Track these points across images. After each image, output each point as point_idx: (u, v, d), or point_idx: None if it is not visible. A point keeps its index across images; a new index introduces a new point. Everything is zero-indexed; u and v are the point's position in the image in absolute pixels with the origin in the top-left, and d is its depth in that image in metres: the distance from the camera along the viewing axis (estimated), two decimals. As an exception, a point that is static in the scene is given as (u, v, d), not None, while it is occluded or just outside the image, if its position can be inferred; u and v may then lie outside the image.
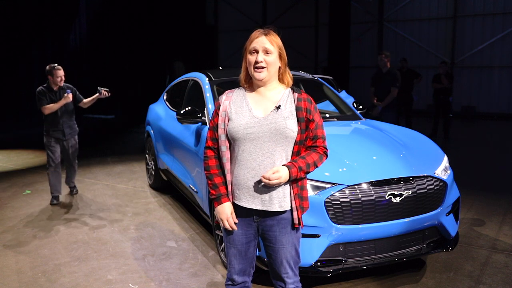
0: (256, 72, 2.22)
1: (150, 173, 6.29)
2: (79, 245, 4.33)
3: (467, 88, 15.11)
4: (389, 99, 7.01)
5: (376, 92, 7.18)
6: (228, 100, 2.30)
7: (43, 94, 5.39)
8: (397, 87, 7.03)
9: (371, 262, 3.28)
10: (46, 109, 5.36)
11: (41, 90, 5.42)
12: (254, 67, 2.21)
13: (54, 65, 5.46)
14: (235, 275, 2.38)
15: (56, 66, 5.44)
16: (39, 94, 5.39)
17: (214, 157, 2.32)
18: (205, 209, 4.18)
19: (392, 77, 7.06)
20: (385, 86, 7.08)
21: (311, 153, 2.25)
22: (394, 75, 7.10)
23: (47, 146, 5.55)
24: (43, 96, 5.39)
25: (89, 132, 12.45)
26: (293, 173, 2.17)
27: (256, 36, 2.23)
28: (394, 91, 6.99)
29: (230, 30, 19.38)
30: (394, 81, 7.03)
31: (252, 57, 2.22)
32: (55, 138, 5.52)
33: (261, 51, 2.20)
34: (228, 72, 5.18)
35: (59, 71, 5.43)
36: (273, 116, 2.22)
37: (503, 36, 14.38)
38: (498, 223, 4.82)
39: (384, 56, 7.17)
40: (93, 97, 5.77)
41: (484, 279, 3.57)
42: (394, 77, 7.07)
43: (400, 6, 16.10)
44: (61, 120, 5.50)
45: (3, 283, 3.59)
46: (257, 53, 2.21)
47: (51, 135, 5.51)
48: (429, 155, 3.78)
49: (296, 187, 2.25)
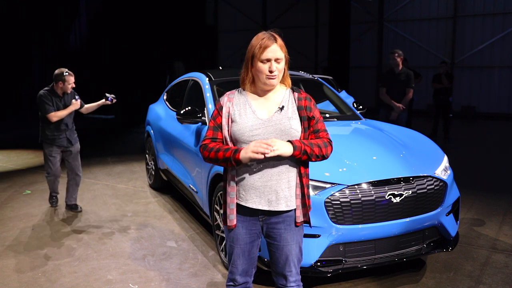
0: (270, 80, 2.21)
1: (150, 173, 6.29)
2: (79, 245, 4.33)
3: (467, 88, 15.12)
4: (405, 101, 6.61)
5: (388, 93, 6.74)
6: (231, 102, 2.29)
7: (48, 99, 4.94)
8: (413, 88, 6.70)
9: (371, 262, 3.28)
10: (55, 116, 4.93)
11: (45, 94, 4.96)
12: (266, 75, 2.20)
13: (65, 70, 5.00)
14: (238, 276, 2.37)
15: (68, 72, 4.99)
16: (44, 99, 4.93)
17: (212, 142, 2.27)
18: (205, 209, 4.18)
19: (406, 77, 6.67)
20: (399, 86, 6.66)
21: (315, 139, 2.26)
22: (409, 75, 6.70)
23: (48, 155, 5.14)
24: (49, 101, 4.94)
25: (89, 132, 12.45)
26: (296, 143, 2.16)
27: (268, 44, 2.18)
28: (410, 92, 6.63)
29: (230, 30, 19.38)
30: (409, 82, 6.65)
31: (265, 65, 2.19)
32: (58, 147, 5.10)
33: (273, 60, 2.19)
34: (228, 72, 5.18)
35: (71, 77, 5.00)
36: (277, 117, 2.22)
37: (503, 36, 14.38)
38: (498, 223, 4.82)
39: (397, 55, 6.71)
40: (98, 102, 5.41)
41: (484, 279, 3.57)
42: (409, 77, 6.69)
43: (400, 6, 16.11)
44: (66, 127, 5.09)
45: (3, 283, 3.59)
46: (270, 63, 2.19)
47: (54, 144, 5.08)
48: (429, 155, 3.78)
49: (299, 187, 2.27)
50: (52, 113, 4.94)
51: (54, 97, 5.01)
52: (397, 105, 6.54)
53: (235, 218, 2.28)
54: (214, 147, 2.23)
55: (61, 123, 5.04)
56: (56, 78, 4.98)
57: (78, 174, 5.31)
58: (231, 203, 2.27)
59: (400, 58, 6.70)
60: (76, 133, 5.29)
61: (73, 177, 5.29)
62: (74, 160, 5.26)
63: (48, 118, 4.94)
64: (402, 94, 6.63)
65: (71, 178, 5.30)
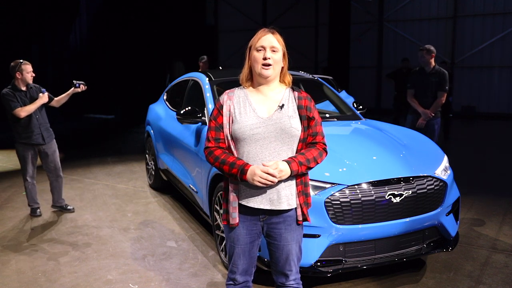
0: (264, 70, 2.22)
1: (150, 173, 6.29)
2: (79, 245, 4.33)
3: (467, 88, 15.12)
4: (436, 107, 5.52)
5: (416, 95, 5.71)
6: (231, 100, 2.29)
7: (11, 96, 4.73)
8: (445, 91, 5.55)
9: (371, 262, 3.28)
10: (22, 111, 4.72)
11: (8, 92, 4.76)
12: (261, 64, 2.22)
13: (21, 60, 4.81)
14: (238, 275, 2.37)
15: (23, 62, 4.80)
16: (7, 96, 4.72)
17: (217, 148, 2.27)
18: (205, 209, 4.18)
19: (440, 78, 5.57)
20: (429, 88, 5.60)
21: (310, 149, 2.26)
22: (442, 75, 5.58)
23: (22, 156, 4.96)
24: (13, 97, 4.73)
25: (89, 132, 12.46)
26: (293, 167, 2.17)
27: (263, 34, 2.25)
28: (443, 96, 5.53)
29: (230, 30, 19.38)
30: (442, 83, 5.55)
31: (259, 54, 2.22)
32: (32, 145, 4.92)
33: (268, 49, 2.22)
34: (228, 72, 5.18)
35: (28, 66, 4.80)
36: (278, 116, 2.23)
37: (503, 36, 14.38)
38: (498, 223, 4.82)
39: (426, 51, 5.63)
40: (68, 92, 5.12)
41: (484, 279, 3.57)
42: (442, 77, 5.56)
43: (400, 6, 16.11)
44: (38, 122, 4.90)
45: (3, 283, 3.59)
46: (265, 50, 2.22)
47: (27, 142, 4.90)
48: (429, 155, 3.78)
49: (300, 184, 2.27)
50: (18, 108, 4.73)
51: (18, 92, 4.81)
52: (424, 111, 5.55)
53: (238, 217, 2.27)
54: (219, 156, 2.23)
55: (32, 118, 4.86)
56: (13, 69, 4.80)
57: (60, 175, 5.19)
58: (233, 201, 2.26)
59: (431, 56, 5.63)
60: (51, 131, 5.11)
61: (54, 179, 5.18)
62: (52, 161, 5.09)
63: (15, 114, 4.73)
64: (433, 98, 5.57)
65: (53, 181, 5.19)
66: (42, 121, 4.97)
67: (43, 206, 5.52)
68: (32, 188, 5.14)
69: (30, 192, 5.13)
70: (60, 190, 5.28)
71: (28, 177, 5.05)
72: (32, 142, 4.92)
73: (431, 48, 5.65)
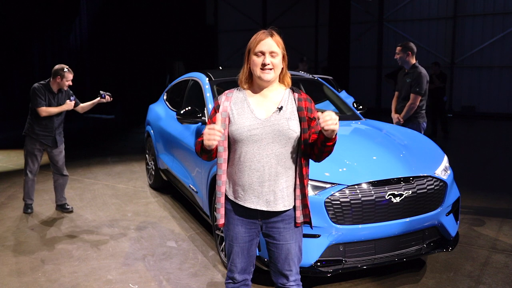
0: (264, 73, 2.21)
1: (150, 173, 6.29)
2: (79, 245, 4.33)
3: (467, 88, 15.12)
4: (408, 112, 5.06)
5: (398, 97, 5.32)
6: (229, 101, 2.28)
7: (41, 93, 4.84)
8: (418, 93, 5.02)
9: (371, 262, 3.28)
10: (44, 111, 4.83)
11: (39, 88, 4.86)
12: (261, 69, 2.20)
13: (65, 66, 4.90)
14: (236, 274, 2.38)
15: (67, 69, 4.89)
16: (37, 91, 4.83)
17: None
18: (205, 209, 4.18)
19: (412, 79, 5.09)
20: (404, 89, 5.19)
21: None
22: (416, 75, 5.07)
23: (29, 152, 5.00)
24: (42, 95, 4.84)
25: (89, 132, 12.46)
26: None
27: (262, 38, 2.21)
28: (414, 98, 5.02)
29: (230, 30, 19.38)
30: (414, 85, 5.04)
31: (259, 59, 2.20)
32: (41, 144, 4.97)
33: (267, 54, 2.20)
34: (228, 72, 5.18)
35: (70, 74, 4.90)
36: (276, 117, 2.22)
37: (503, 36, 14.37)
38: (498, 223, 4.82)
39: (401, 48, 5.19)
40: (93, 101, 5.23)
41: (484, 279, 3.58)
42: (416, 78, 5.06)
43: (400, 6, 16.10)
44: (55, 126, 4.98)
45: (3, 283, 3.59)
46: (264, 55, 2.20)
47: (38, 140, 4.95)
48: (429, 155, 3.78)
49: (298, 188, 2.27)
50: (42, 107, 4.83)
51: (48, 92, 4.90)
52: (393, 115, 5.22)
53: (222, 218, 2.30)
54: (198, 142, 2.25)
55: (52, 121, 4.95)
56: (55, 72, 4.88)
57: (64, 174, 5.23)
58: (218, 203, 2.30)
59: (408, 53, 5.12)
60: (62, 137, 5.17)
61: (58, 177, 5.23)
62: (59, 161, 5.15)
63: (37, 111, 4.84)
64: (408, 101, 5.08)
65: (57, 179, 5.24)
66: (59, 126, 5.07)
67: (43, 206, 5.52)
68: (31, 185, 5.18)
69: (28, 187, 5.18)
70: (63, 188, 5.32)
71: (29, 172, 5.10)
72: (42, 141, 4.98)
73: (409, 44, 5.16)
